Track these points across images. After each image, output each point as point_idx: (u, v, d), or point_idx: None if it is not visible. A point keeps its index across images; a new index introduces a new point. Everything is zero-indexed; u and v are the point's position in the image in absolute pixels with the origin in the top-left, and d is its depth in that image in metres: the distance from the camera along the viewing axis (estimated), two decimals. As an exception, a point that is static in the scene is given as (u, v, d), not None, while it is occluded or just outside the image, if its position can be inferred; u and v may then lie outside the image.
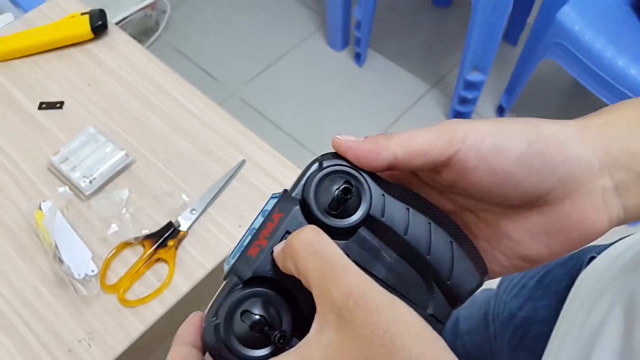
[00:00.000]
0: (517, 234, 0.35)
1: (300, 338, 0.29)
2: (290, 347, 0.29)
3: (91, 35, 0.92)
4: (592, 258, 0.60)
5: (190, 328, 0.32)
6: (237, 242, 0.33)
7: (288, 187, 0.34)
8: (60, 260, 0.70)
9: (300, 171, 0.34)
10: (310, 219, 0.32)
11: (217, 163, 0.81)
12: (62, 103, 0.87)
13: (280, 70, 1.94)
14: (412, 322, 0.26)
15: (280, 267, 0.31)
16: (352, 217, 0.32)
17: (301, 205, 0.32)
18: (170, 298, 0.71)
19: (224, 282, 0.32)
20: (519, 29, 1.94)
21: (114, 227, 0.75)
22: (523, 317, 0.68)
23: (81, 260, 0.70)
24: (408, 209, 0.34)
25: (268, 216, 0.33)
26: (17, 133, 0.84)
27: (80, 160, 0.78)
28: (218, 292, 0.31)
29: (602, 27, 1.36)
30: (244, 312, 0.30)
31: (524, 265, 0.36)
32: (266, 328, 0.30)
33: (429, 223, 0.34)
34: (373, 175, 0.34)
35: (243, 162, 0.80)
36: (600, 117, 0.34)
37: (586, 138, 0.33)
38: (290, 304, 0.31)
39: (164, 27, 2.01)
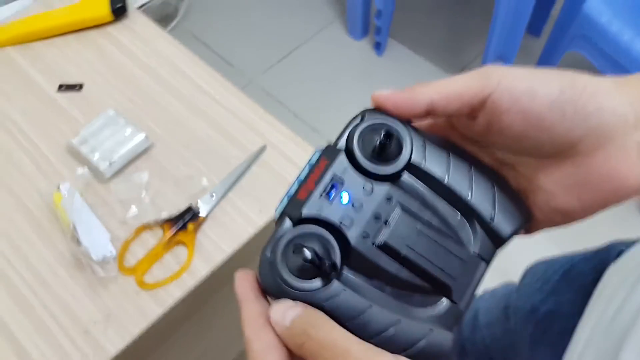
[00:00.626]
0: (551, 186, 0.35)
1: (349, 268, 0.32)
2: (340, 275, 0.31)
3: (111, 18, 0.92)
4: (621, 252, 0.58)
5: (246, 284, 0.32)
6: (285, 192, 0.34)
7: None
8: (79, 242, 0.69)
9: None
10: (356, 166, 0.34)
11: (238, 148, 0.80)
12: (81, 85, 0.86)
13: (299, 59, 1.93)
14: None
15: (287, 347, 0.31)
16: (395, 162, 0.34)
17: (346, 154, 0.34)
18: (189, 282, 0.70)
19: (276, 225, 0.33)
20: (543, 20, 1.91)
21: (134, 210, 0.74)
22: (546, 312, 0.66)
23: (99, 242, 0.70)
24: (449, 154, 0.35)
25: (315, 164, 0.34)
26: (36, 115, 0.83)
27: (99, 142, 0.78)
28: (271, 235, 0.32)
29: (631, 19, 1.33)
30: (296, 247, 0.31)
31: (559, 219, 0.36)
32: (318, 260, 0.31)
33: (470, 167, 0.35)
34: (414, 126, 0.35)
35: (264, 148, 0.79)
36: (638, 75, 0.34)
37: (623, 92, 0.33)
38: (339, 241, 0.32)
39: (183, 14, 2.00)
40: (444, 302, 0.33)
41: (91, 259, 0.68)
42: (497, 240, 0.35)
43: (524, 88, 0.32)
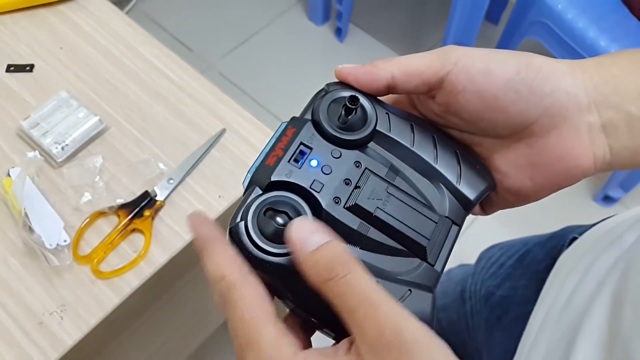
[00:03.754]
0: (505, 167, 0.36)
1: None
2: None
3: (63, -4, 0.88)
4: (574, 239, 0.59)
5: (213, 227, 0.31)
6: (252, 164, 0.34)
7: None
8: (31, 230, 0.67)
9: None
10: (323, 134, 0.34)
11: (196, 131, 0.78)
12: (32, 66, 0.82)
13: (259, 44, 1.90)
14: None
15: (304, 275, 0.29)
16: (361, 130, 0.34)
17: (312, 123, 0.34)
18: (146, 270, 0.68)
19: (244, 193, 0.33)
20: (501, 7, 1.93)
21: (87, 196, 0.71)
22: (501, 297, 0.67)
23: (53, 230, 0.67)
24: (412, 124, 0.36)
25: (282, 133, 0.34)
26: (-17, 96, 0.80)
27: (51, 125, 0.75)
28: (240, 202, 0.32)
29: (585, 7, 1.36)
30: (267, 210, 0.31)
31: (512, 199, 0.38)
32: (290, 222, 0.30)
33: (433, 136, 0.36)
34: (377, 99, 0.36)
35: (223, 131, 0.78)
36: (595, 59, 0.35)
37: (578, 74, 0.33)
38: (310, 204, 0.32)
39: (139, -4, 1.95)
40: (420, 263, 0.33)
41: (44, 247, 0.66)
42: (466, 204, 0.35)
43: (480, 68, 0.33)
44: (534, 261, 0.65)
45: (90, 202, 0.71)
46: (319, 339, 0.33)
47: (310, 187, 0.32)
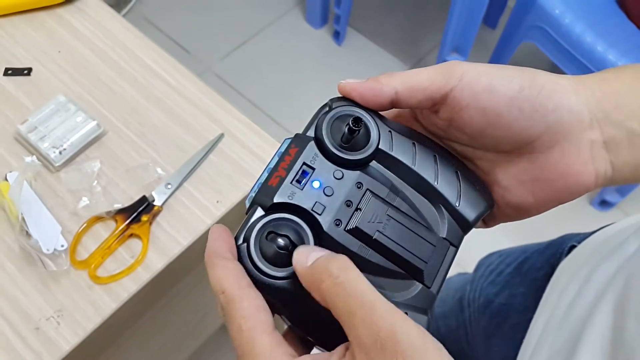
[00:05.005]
0: (506, 181, 0.37)
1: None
2: None
3: (62, 0, 0.88)
4: (573, 247, 0.59)
5: (223, 243, 0.32)
6: (255, 181, 0.34)
7: (267, 161, 0.35)
8: (28, 234, 0.66)
9: (279, 146, 0.36)
10: (325, 153, 0.34)
11: (194, 136, 0.78)
12: (29, 69, 0.82)
13: (257, 47, 1.90)
14: None
15: (305, 286, 0.30)
16: (364, 150, 0.34)
17: (315, 142, 0.34)
18: (143, 275, 0.68)
19: (247, 214, 0.33)
20: (499, 12, 1.94)
21: (85, 201, 0.71)
22: (500, 305, 0.67)
23: (50, 234, 0.67)
24: (414, 143, 0.36)
25: (284, 152, 0.34)
26: (-20, 100, 0.79)
27: (49, 129, 0.74)
28: (242, 222, 0.33)
29: (583, 12, 1.36)
30: (269, 233, 0.32)
31: (513, 213, 0.38)
32: (292, 247, 0.31)
33: (435, 155, 0.36)
34: (380, 115, 0.36)
35: (221, 136, 0.77)
36: (598, 74, 0.35)
37: (581, 91, 0.33)
38: (311, 226, 0.32)
39: (137, -2, 1.95)
40: (417, 286, 0.33)
41: (41, 252, 0.65)
42: (464, 225, 0.36)
43: (484, 85, 0.33)
44: (533, 269, 0.65)
45: (88, 206, 0.71)
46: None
47: (312, 209, 0.32)
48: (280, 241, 0.31)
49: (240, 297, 0.30)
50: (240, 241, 0.31)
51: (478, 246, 1.00)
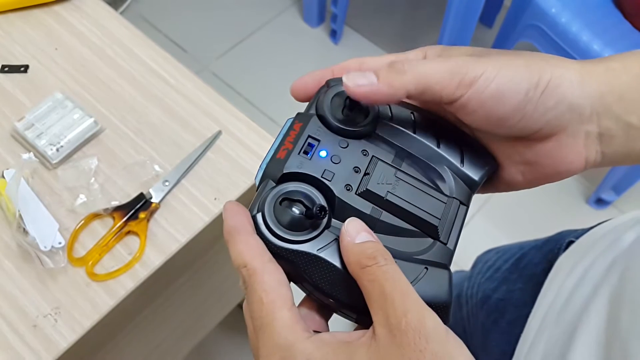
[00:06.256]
0: (500, 158, 0.38)
1: (336, 219, 0.33)
2: (329, 225, 0.32)
3: (58, -4, 0.88)
4: (570, 243, 0.59)
5: (241, 217, 0.32)
6: (261, 161, 0.35)
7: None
8: (25, 231, 0.66)
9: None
10: (328, 127, 0.35)
11: (192, 133, 0.78)
12: (26, 67, 0.82)
13: (253, 45, 1.90)
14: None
15: (344, 257, 0.31)
16: (365, 121, 0.35)
17: (318, 117, 0.35)
18: (141, 272, 0.68)
19: (258, 188, 0.34)
20: (495, 11, 1.94)
21: (82, 198, 0.71)
22: (497, 300, 0.67)
23: (47, 232, 0.67)
24: (412, 112, 0.37)
25: (289, 128, 0.35)
26: (-23, 97, 0.79)
27: (46, 127, 0.74)
28: (255, 195, 0.33)
29: (579, 11, 1.36)
30: (283, 200, 0.32)
31: (502, 187, 0.40)
32: (307, 210, 0.32)
33: (434, 121, 0.37)
34: None
35: (219, 133, 0.77)
36: (606, 62, 0.35)
37: (586, 84, 0.34)
38: (323, 194, 0.33)
39: (133, -4, 1.94)
40: (433, 243, 0.34)
41: (39, 250, 0.65)
42: (471, 184, 0.37)
43: (492, 92, 0.33)
44: (530, 264, 0.65)
45: (85, 204, 0.71)
46: (336, 322, 0.34)
47: (322, 177, 0.33)
48: (295, 208, 0.32)
49: (262, 270, 0.30)
50: (255, 211, 0.32)
51: (475, 243, 1.00)
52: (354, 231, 0.31)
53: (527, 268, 0.65)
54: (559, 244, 0.61)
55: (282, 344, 0.29)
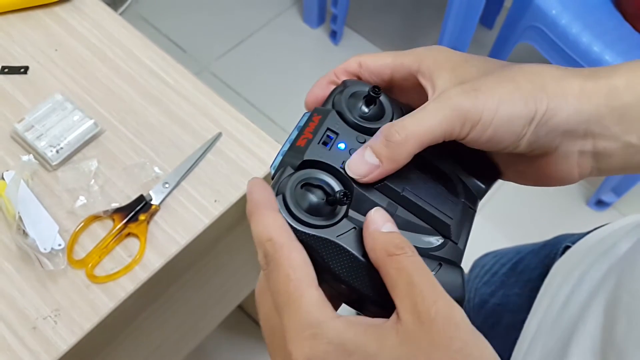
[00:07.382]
0: (495, 159, 0.38)
1: (353, 210, 0.33)
2: (347, 214, 0.32)
3: (58, -2, 0.87)
4: (567, 248, 0.59)
5: (266, 193, 0.32)
6: (277, 153, 0.35)
7: (266, 160, 0.38)
8: (25, 233, 0.66)
9: (277, 145, 0.36)
10: (346, 122, 0.36)
11: (192, 135, 0.77)
12: (26, 68, 0.82)
13: (253, 46, 1.90)
14: (488, 354, 0.29)
15: (366, 244, 0.31)
16: (381, 120, 0.36)
17: (336, 113, 0.36)
18: (141, 274, 0.68)
19: (275, 175, 0.34)
20: (496, 12, 1.94)
21: (82, 200, 0.71)
22: (494, 305, 0.67)
23: (47, 233, 0.67)
24: None
25: (309, 119, 0.36)
26: (-23, 98, 0.79)
27: (46, 128, 0.74)
28: (273, 181, 0.34)
29: (579, 12, 1.36)
30: (303, 185, 0.33)
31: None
32: (328, 195, 0.32)
33: None
34: (388, 94, 0.38)
35: (219, 135, 0.77)
36: (609, 80, 0.34)
37: (584, 110, 0.33)
38: (342, 181, 0.34)
39: (133, -3, 1.94)
40: (445, 241, 0.34)
41: (38, 251, 0.65)
42: (477, 191, 0.38)
43: (489, 135, 0.33)
44: (527, 269, 0.65)
45: (85, 205, 0.71)
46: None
47: (341, 168, 0.34)
48: (315, 194, 0.32)
49: (290, 246, 0.30)
50: (275, 194, 0.32)
51: (473, 247, 1.00)
52: (381, 220, 0.31)
53: (524, 273, 0.65)
54: (556, 248, 0.61)
55: (313, 321, 0.28)
